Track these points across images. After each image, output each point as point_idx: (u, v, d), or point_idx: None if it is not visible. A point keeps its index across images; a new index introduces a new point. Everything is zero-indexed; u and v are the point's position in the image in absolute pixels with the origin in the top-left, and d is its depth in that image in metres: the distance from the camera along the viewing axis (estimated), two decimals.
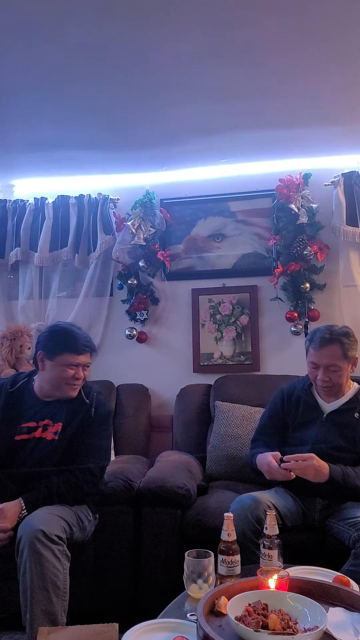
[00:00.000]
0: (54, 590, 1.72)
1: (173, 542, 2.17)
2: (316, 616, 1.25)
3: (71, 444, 2.04)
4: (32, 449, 2.03)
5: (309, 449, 2.10)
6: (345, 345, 2.12)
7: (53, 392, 2.10)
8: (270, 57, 2.07)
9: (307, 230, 3.00)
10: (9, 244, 3.37)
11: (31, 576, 1.71)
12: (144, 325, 3.25)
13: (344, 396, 2.18)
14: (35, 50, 2.00)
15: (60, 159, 3.03)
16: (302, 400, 2.22)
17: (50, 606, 1.71)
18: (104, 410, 2.14)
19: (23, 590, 1.74)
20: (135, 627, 1.34)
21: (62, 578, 1.75)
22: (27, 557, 1.72)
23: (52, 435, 2.04)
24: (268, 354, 3.11)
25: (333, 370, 2.11)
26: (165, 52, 2.03)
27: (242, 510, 1.89)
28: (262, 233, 3.17)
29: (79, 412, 2.08)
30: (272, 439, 2.21)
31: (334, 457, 2.07)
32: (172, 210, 3.28)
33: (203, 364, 3.17)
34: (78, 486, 1.99)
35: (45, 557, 1.72)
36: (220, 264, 3.23)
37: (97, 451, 2.08)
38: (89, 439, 2.06)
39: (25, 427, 2.06)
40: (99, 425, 2.11)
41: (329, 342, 2.12)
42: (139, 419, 2.99)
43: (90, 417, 2.08)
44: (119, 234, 3.21)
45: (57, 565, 1.74)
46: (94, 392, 2.17)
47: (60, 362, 2.05)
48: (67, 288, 3.40)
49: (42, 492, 1.93)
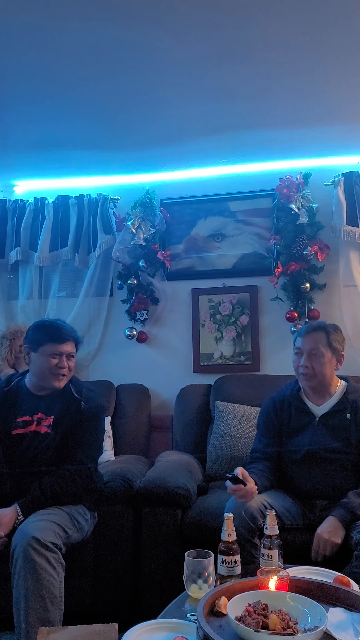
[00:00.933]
0: (49, 598, 1.70)
1: (173, 542, 2.17)
2: (316, 616, 1.25)
3: (65, 438, 2.07)
4: (28, 443, 2.07)
5: (304, 455, 2.10)
6: (331, 335, 2.15)
7: (41, 384, 2.14)
8: (271, 57, 2.07)
9: (307, 230, 3.00)
10: (9, 244, 3.37)
11: (26, 584, 1.69)
12: (144, 325, 3.25)
13: (332, 397, 2.17)
14: (35, 51, 2.00)
15: (60, 159, 3.03)
16: (293, 407, 2.20)
17: (46, 614, 1.69)
18: (94, 404, 2.18)
19: (16, 599, 1.71)
20: (135, 627, 1.34)
21: (57, 586, 1.74)
22: (21, 565, 1.71)
23: (45, 429, 2.08)
24: (268, 354, 3.11)
25: (315, 355, 2.11)
26: (166, 52, 2.03)
27: (236, 509, 1.89)
28: (262, 233, 3.17)
29: (70, 407, 2.12)
30: (270, 448, 2.18)
31: (329, 460, 2.08)
32: (172, 210, 3.28)
33: (203, 364, 3.17)
34: (71, 479, 2.00)
35: (40, 565, 1.71)
36: (220, 264, 3.23)
37: (89, 444, 2.11)
38: (81, 432, 2.10)
39: (21, 422, 2.10)
40: (90, 418, 2.13)
41: (314, 329, 2.17)
42: (139, 419, 2.99)
43: (81, 411, 2.11)
44: (119, 234, 3.21)
45: (53, 573, 1.73)
46: (84, 388, 2.21)
47: (44, 353, 2.10)
48: (67, 288, 3.40)
49: (35, 494, 1.93)
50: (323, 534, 1.89)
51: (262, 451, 2.18)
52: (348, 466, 2.08)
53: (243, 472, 1.91)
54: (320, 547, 1.88)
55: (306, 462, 2.11)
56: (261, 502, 1.94)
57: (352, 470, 2.09)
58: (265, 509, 1.93)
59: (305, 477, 2.11)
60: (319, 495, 2.08)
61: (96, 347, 3.29)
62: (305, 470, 2.11)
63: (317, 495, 2.09)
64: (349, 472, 2.08)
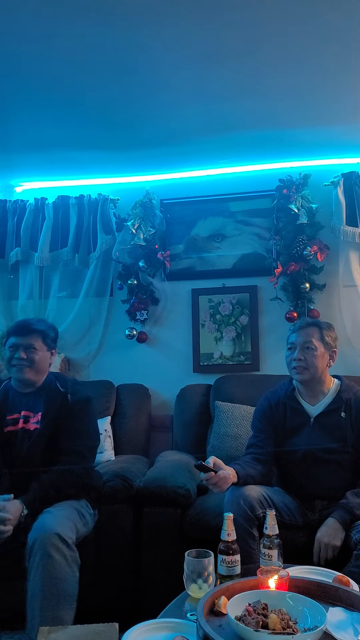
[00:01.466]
0: (64, 596, 1.71)
1: (173, 541, 2.17)
2: (316, 616, 1.25)
3: (54, 432, 2.09)
4: (20, 442, 2.10)
5: (301, 456, 2.10)
6: (324, 330, 2.16)
7: (13, 379, 2.22)
8: (270, 57, 2.07)
9: (307, 230, 3.00)
10: (9, 244, 3.37)
11: (42, 580, 1.70)
12: (144, 325, 3.25)
13: (326, 396, 2.17)
14: (35, 52, 2.01)
15: (60, 159, 3.03)
16: (288, 407, 2.20)
17: (60, 612, 1.69)
18: (80, 395, 2.20)
19: (31, 595, 1.71)
20: (135, 627, 1.34)
21: (73, 585, 1.75)
22: (39, 561, 1.72)
23: (35, 425, 2.12)
24: (268, 354, 3.12)
25: (308, 348, 2.12)
26: (166, 52, 2.03)
27: (234, 498, 1.90)
28: (262, 233, 3.17)
29: (55, 400, 2.16)
30: (265, 444, 2.16)
31: (326, 460, 2.08)
32: (172, 210, 3.28)
33: (203, 364, 3.17)
34: (69, 471, 2.02)
35: (58, 562, 1.72)
36: (220, 264, 3.23)
37: (83, 434, 2.13)
38: (71, 423, 2.12)
39: (10, 419, 2.15)
40: (79, 409, 2.16)
41: (307, 324, 2.19)
42: (139, 419, 2.99)
43: (67, 403, 2.15)
44: (119, 234, 3.21)
45: (69, 571, 1.75)
46: (68, 382, 2.26)
47: (6, 346, 2.20)
48: (67, 288, 3.40)
49: (37, 491, 1.94)
50: (323, 539, 1.89)
51: (255, 445, 2.16)
52: (345, 465, 2.09)
53: (215, 461, 1.90)
54: (321, 551, 1.88)
55: (303, 463, 2.11)
56: (261, 493, 1.95)
57: (349, 469, 2.09)
58: (265, 501, 1.94)
59: (303, 478, 2.11)
60: (318, 495, 2.09)
61: (96, 347, 3.29)
62: (303, 471, 2.11)
63: (316, 495, 2.09)
64: (347, 472, 2.09)
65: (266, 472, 2.12)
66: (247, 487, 1.96)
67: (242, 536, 1.80)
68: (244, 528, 1.85)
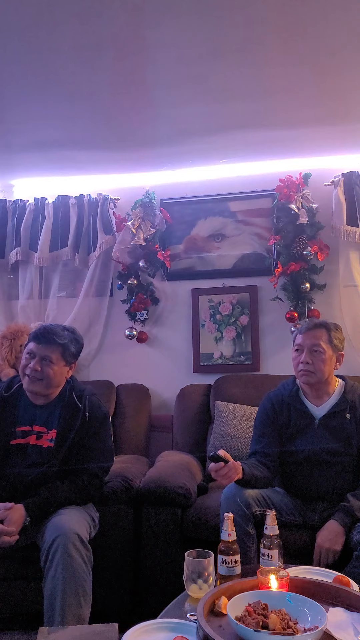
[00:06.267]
0: (83, 595, 1.72)
1: (173, 542, 2.17)
2: (316, 616, 1.25)
3: (70, 451, 2.02)
4: (28, 456, 2.01)
5: (305, 457, 2.09)
6: (332, 332, 2.12)
7: (25, 388, 2.07)
8: (270, 57, 2.07)
9: (307, 230, 3.00)
10: (9, 244, 3.37)
11: (63, 580, 1.70)
12: (144, 325, 3.25)
13: (331, 397, 2.14)
14: (35, 51, 2.00)
15: (60, 159, 3.03)
16: (292, 408, 2.15)
17: (80, 611, 1.70)
18: (99, 413, 2.10)
19: (51, 594, 1.71)
20: (135, 627, 1.33)
21: (90, 584, 1.76)
22: (59, 560, 1.71)
23: (48, 443, 2.01)
24: (268, 354, 3.11)
25: (316, 352, 2.08)
26: (166, 52, 2.03)
27: (231, 494, 1.90)
28: (262, 233, 3.17)
29: (73, 419, 2.04)
30: (270, 449, 2.12)
31: (331, 462, 2.07)
32: (172, 210, 3.28)
33: (203, 364, 3.17)
34: (85, 490, 1.98)
35: (77, 561, 1.73)
36: (220, 264, 3.23)
37: (99, 453, 2.06)
38: (89, 442, 2.04)
39: (20, 431, 2.04)
40: (97, 428, 2.08)
41: (316, 326, 2.14)
42: (139, 419, 2.99)
43: (86, 422, 2.05)
44: (119, 234, 3.21)
45: (86, 570, 1.76)
46: (86, 394, 2.12)
47: (24, 350, 2.08)
48: (67, 288, 3.40)
49: (42, 500, 1.90)
50: (324, 544, 1.88)
51: (261, 452, 2.11)
52: (350, 468, 2.08)
53: (225, 454, 1.87)
54: (322, 556, 1.88)
55: (308, 465, 2.09)
56: (258, 492, 1.95)
57: (353, 472, 2.08)
58: (263, 499, 1.93)
59: (307, 479, 2.10)
60: (321, 497, 2.08)
61: (96, 347, 3.29)
62: (307, 473, 2.10)
63: (319, 497, 2.08)
64: (351, 474, 2.08)
65: (271, 478, 2.10)
66: (242, 486, 1.95)
67: (238, 534, 1.79)
68: (240, 525, 1.85)
